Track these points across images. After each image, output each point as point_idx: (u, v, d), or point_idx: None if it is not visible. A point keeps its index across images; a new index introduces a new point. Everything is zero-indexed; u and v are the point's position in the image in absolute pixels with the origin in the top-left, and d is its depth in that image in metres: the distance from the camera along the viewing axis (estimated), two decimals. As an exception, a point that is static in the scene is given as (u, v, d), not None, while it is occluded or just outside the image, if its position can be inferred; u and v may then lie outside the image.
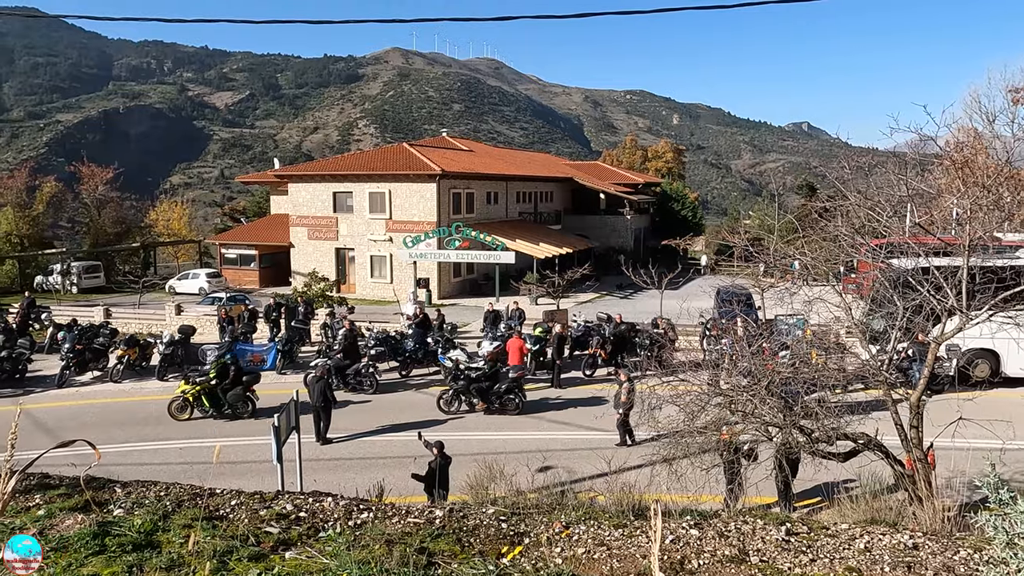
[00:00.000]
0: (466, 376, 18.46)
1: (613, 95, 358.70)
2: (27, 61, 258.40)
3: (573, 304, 33.94)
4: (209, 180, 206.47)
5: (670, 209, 59.57)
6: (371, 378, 20.59)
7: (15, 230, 46.29)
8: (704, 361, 12.87)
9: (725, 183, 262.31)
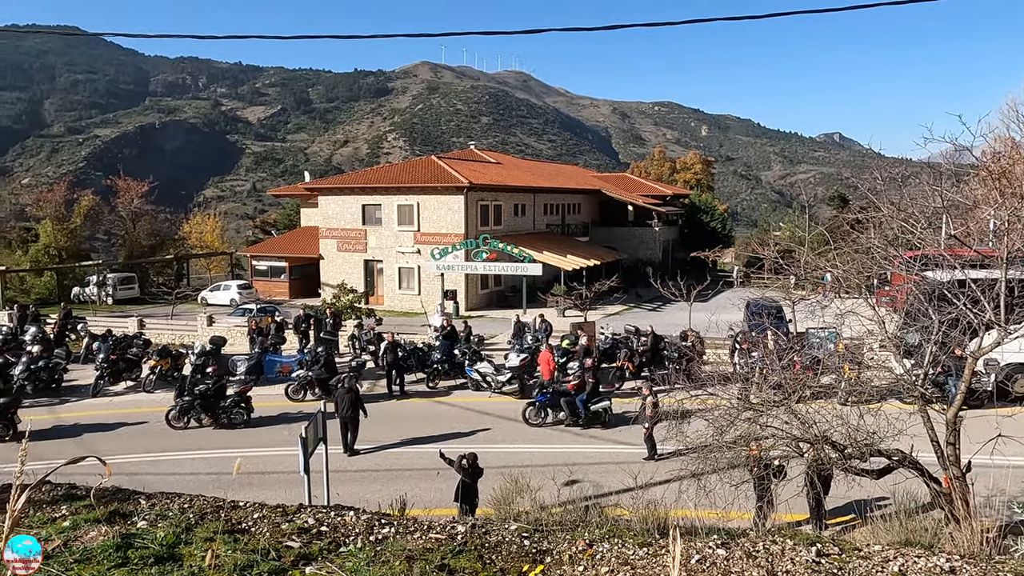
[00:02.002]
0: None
1: (641, 107, 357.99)
2: (67, 78, 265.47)
3: (600, 316, 33.76)
4: (241, 193, 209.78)
5: (699, 221, 59.12)
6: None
7: (54, 242, 47.38)
8: (733, 375, 12.70)
9: (755, 194, 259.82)
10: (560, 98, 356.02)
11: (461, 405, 20.52)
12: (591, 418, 17.81)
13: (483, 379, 21.70)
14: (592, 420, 17.84)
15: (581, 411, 17.75)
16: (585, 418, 17.79)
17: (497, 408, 20.03)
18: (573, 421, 17.80)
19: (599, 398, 17.96)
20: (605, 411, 17.85)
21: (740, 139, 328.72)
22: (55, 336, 27.25)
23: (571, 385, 18.16)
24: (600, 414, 17.83)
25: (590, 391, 17.95)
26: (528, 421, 18.20)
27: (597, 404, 17.83)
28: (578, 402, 17.77)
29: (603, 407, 17.82)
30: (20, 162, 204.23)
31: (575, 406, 17.76)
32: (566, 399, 17.87)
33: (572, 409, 17.77)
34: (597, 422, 17.84)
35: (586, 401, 17.80)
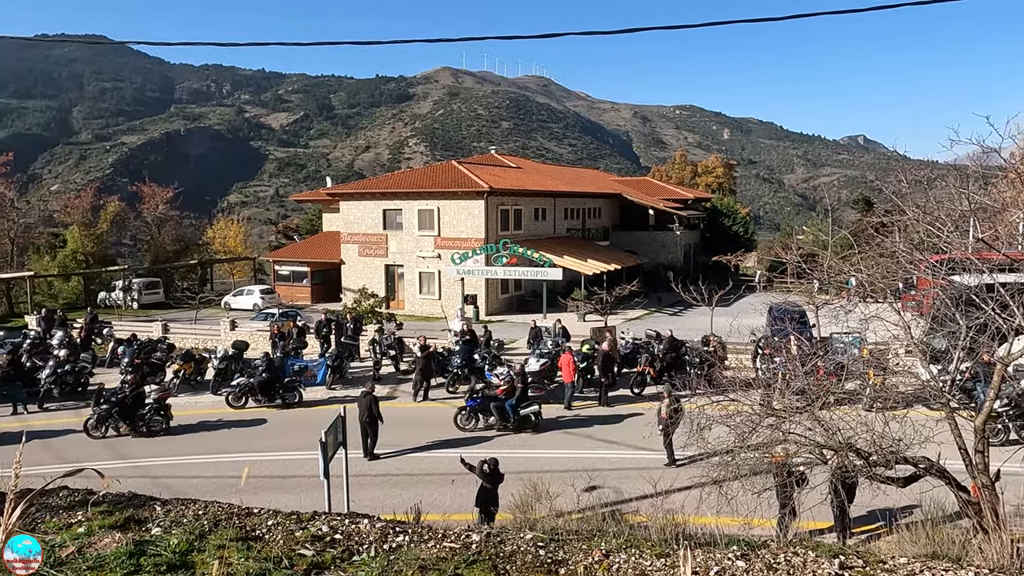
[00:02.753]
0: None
1: (662, 110, 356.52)
2: (95, 86, 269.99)
3: (621, 321, 33.59)
4: (264, 199, 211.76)
5: (721, 225, 58.66)
6: (295, 393, 21.21)
7: (81, 248, 48.10)
8: (756, 380, 12.55)
9: (778, 198, 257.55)
10: (581, 102, 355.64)
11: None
12: (520, 422, 17.99)
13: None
14: (522, 424, 18.00)
15: (510, 415, 17.95)
16: (514, 422, 17.95)
17: (517, 413, 19.93)
18: (503, 426, 17.99)
19: (528, 402, 18.15)
20: (535, 415, 18.03)
21: (762, 142, 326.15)
22: (81, 340, 27.64)
23: (500, 390, 18.37)
24: (529, 418, 18.02)
25: (519, 395, 18.10)
26: (460, 426, 18.34)
27: (526, 408, 18.02)
28: (507, 407, 17.97)
29: (532, 411, 18.02)
30: (49, 169, 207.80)
31: (504, 410, 17.99)
32: (495, 404, 18.06)
33: (501, 413, 17.99)
34: (527, 426, 18.01)
35: (515, 405, 17.99)
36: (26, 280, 42.56)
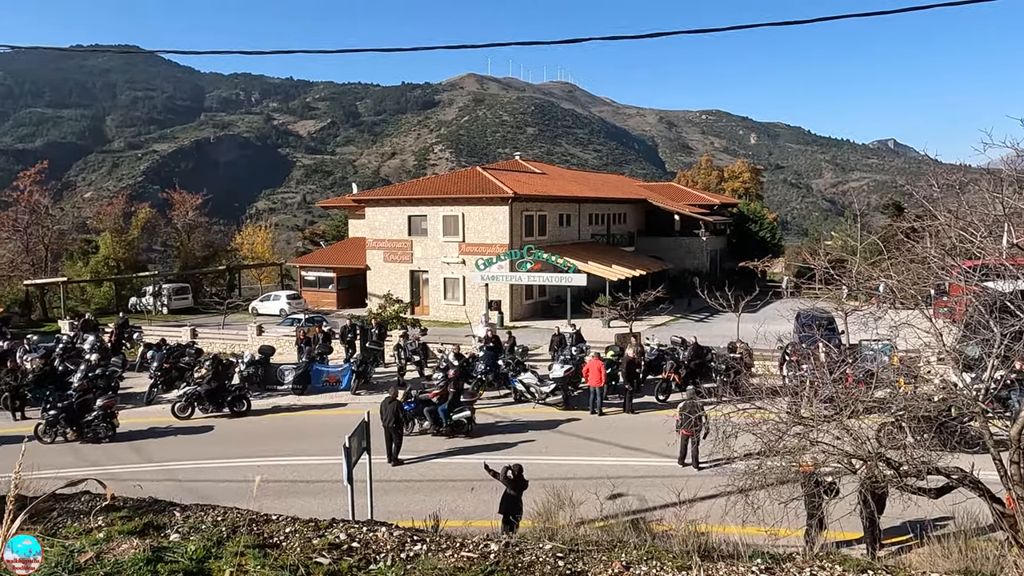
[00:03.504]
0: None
1: (688, 115, 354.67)
2: (128, 95, 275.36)
3: (646, 327, 33.36)
4: (292, 205, 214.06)
5: (747, 230, 58.10)
6: (243, 401, 21.14)
7: (112, 254, 48.91)
8: (783, 388, 12.36)
9: (805, 203, 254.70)
10: (606, 108, 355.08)
11: (505, 416, 20.45)
12: (453, 427, 18.29)
13: (527, 390, 21.61)
14: (455, 429, 18.29)
15: (442, 419, 18.28)
16: (447, 426, 18.27)
17: (541, 419, 19.91)
18: (436, 430, 18.30)
19: (460, 407, 18.42)
20: (468, 420, 18.34)
21: (790, 147, 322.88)
22: (112, 345, 28.08)
23: (433, 394, 18.74)
24: (463, 423, 18.31)
25: (451, 400, 18.43)
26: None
27: (459, 413, 18.34)
28: (440, 411, 18.33)
29: (464, 416, 18.34)
30: (83, 177, 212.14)
31: (437, 415, 18.33)
32: (428, 408, 18.38)
33: (434, 418, 18.33)
34: (460, 431, 18.27)
35: (448, 410, 18.32)
36: (59, 285, 43.39)
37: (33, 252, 47.99)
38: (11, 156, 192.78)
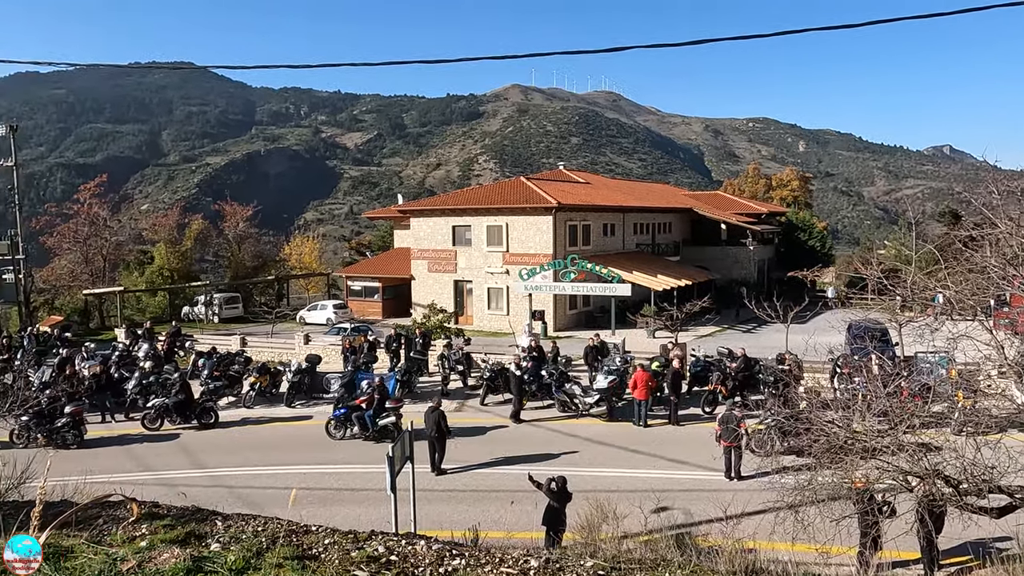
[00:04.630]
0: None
1: (735, 123, 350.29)
2: (183, 110, 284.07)
3: (692, 338, 32.89)
4: (339, 216, 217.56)
5: (796, 239, 56.99)
6: (210, 413, 21.32)
7: (167, 264, 50.31)
8: (834, 401, 12.02)
9: (857, 211, 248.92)
10: (651, 117, 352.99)
11: (548, 427, 20.34)
12: (380, 432, 18.78)
13: (570, 401, 21.47)
14: (382, 435, 18.71)
15: (369, 425, 18.89)
16: (373, 432, 18.82)
17: (585, 431, 19.74)
18: (365, 436, 18.88)
19: (385, 414, 19.00)
20: (393, 426, 18.72)
21: (840, 154, 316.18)
22: (165, 353, 28.80)
23: (359, 401, 19.41)
24: (388, 429, 18.73)
25: (376, 407, 19.03)
26: (331, 435, 19.33)
27: (384, 419, 18.89)
28: (366, 417, 18.96)
29: (389, 422, 18.84)
30: (140, 189, 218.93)
31: (364, 420, 18.96)
32: (356, 414, 19.08)
33: (362, 423, 18.97)
34: (386, 437, 18.50)
35: (373, 416, 18.92)
36: (116, 295, 44.76)
37: (92, 263, 49.65)
38: (73, 170, 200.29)
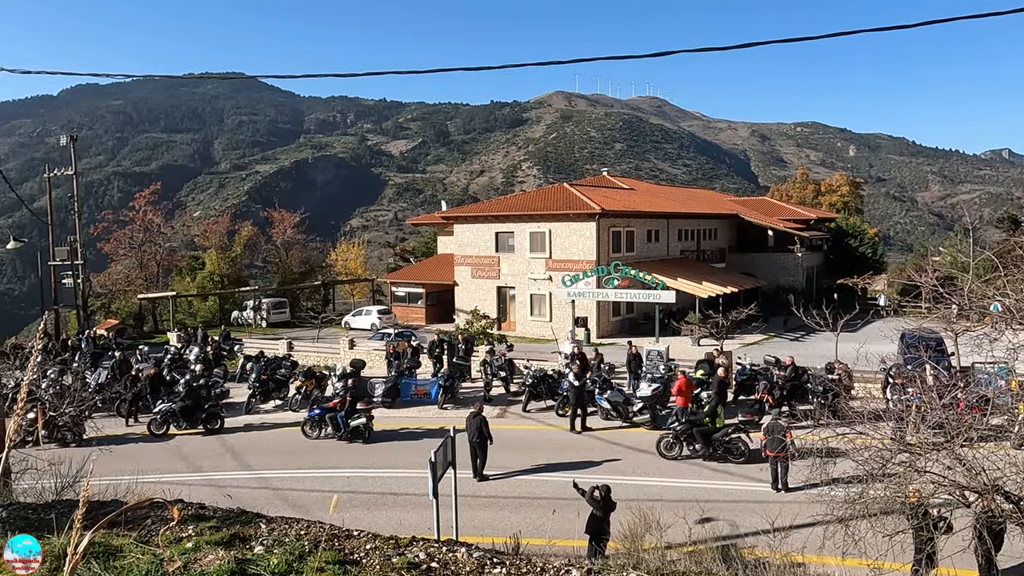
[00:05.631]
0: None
1: (782, 128, 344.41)
2: (234, 119, 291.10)
3: (738, 346, 32.38)
4: (384, 223, 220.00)
5: (846, 246, 55.69)
6: (216, 418, 21.52)
7: (217, 269, 51.55)
8: (886, 412, 11.69)
9: (910, 217, 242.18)
10: (695, 122, 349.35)
11: (591, 434, 20.20)
12: (352, 432, 19.54)
13: (613, 408, 21.29)
14: (354, 435, 19.54)
15: (341, 425, 19.63)
16: (345, 432, 19.55)
17: (628, 439, 19.56)
18: (339, 436, 19.63)
19: (357, 415, 19.69)
20: (364, 427, 19.58)
21: (892, 159, 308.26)
22: (214, 356, 29.47)
23: (333, 403, 20.17)
24: (360, 429, 19.57)
25: (348, 408, 19.76)
26: (307, 435, 20.08)
27: (355, 420, 19.62)
28: (339, 418, 19.72)
29: (360, 423, 19.60)
30: (192, 197, 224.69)
31: (337, 421, 19.75)
32: (329, 415, 19.89)
33: (335, 424, 19.78)
34: (358, 437, 19.50)
35: (345, 417, 19.65)
36: (169, 299, 46.00)
37: (146, 268, 51.16)
38: (129, 179, 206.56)
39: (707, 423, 17.50)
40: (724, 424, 17.51)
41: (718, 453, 17.27)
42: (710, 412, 17.68)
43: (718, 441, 17.33)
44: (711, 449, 17.30)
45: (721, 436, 17.34)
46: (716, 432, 17.37)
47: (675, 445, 17.63)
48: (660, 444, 17.80)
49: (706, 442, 17.32)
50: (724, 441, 17.31)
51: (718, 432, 17.38)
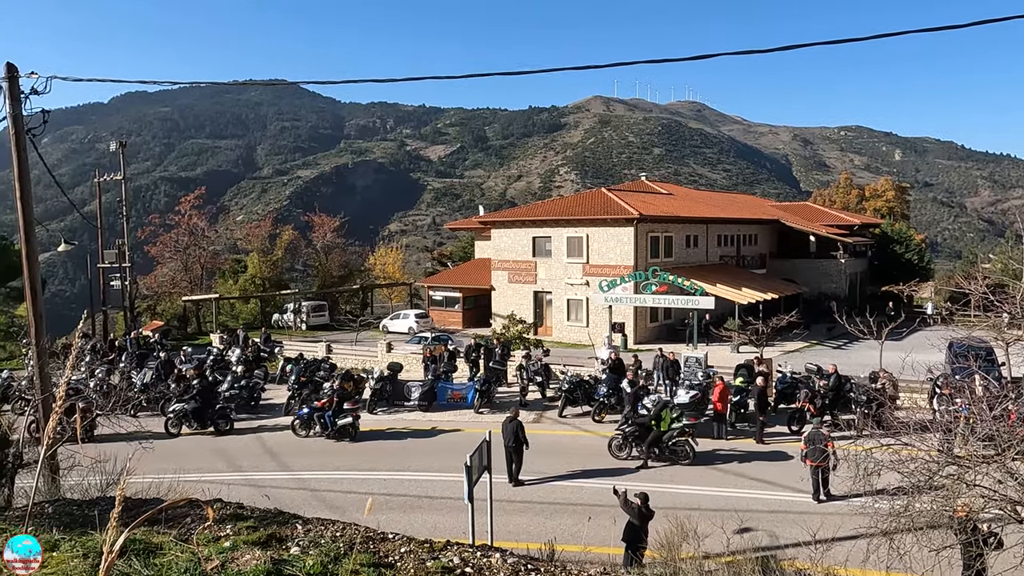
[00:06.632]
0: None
1: (825, 132, 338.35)
2: (276, 125, 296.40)
3: (779, 353, 31.83)
4: (422, 227, 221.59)
5: (891, 252, 54.42)
6: (227, 419, 21.88)
7: (259, 273, 52.45)
8: (933, 423, 11.36)
9: (959, 223, 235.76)
10: (736, 126, 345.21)
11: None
12: (339, 431, 20.30)
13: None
14: (340, 434, 20.31)
15: (328, 424, 20.40)
16: (333, 431, 20.33)
17: (665, 446, 19.30)
18: (326, 435, 20.44)
19: (344, 415, 20.41)
20: (351, 426, 20.27)
21: (940, 163, 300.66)
22: (254, 358, 29.95)
23: (321, 403, 20.91)
24: (347, 428, 20.29)
25: (335, 408, 20.49)
26: (296, 434, 20.79)
27: (342, 420, 20.32)
28: (327, 418, 20.48)
29: (346, 423, 20.30)
30: (236, 201, 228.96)
31: (324, 421, 20.54)
32: (318, 414, 20.72)
33: (323, 424, 20.61)
34: (345, 436, 20.27)
35: (332, 417, 20.39)
36: (212, 301, 46.92)
37: (191, 271, 52.26)
38: (175, 183, 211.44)
39: (652, 425, 17.74)
40: (670, 427, 17.75)
41: (664, 455, 17.69)
42: (655, 415, 17.88)
43: (664, 444, 17.63)
44: (657, 451, 17.64)
45: (666, 439, 17.64)
46: (662, 434, 17.63)
47: (625, 446, 18.14)
48: (611, 445, 18.31)
49: (653, 444, 17.59)
50: (669, 444, 17.66)
51: (664, 435, 17.63)
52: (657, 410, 18.03)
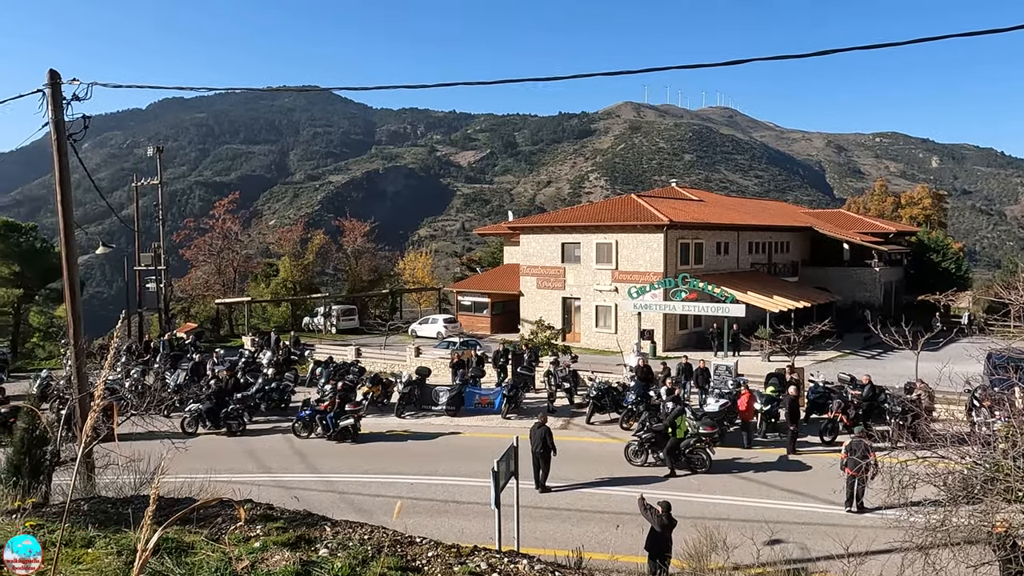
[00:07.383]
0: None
1: (859, 138, 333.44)
2: (308, 131, 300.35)
3: (811, 362, 31.35)
4: (451, 232, 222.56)
5: (928, 261, 53.35)
6: (239, 420, 22.12)
7: (290, 276, 53.08)
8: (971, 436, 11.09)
9: (998, 232, 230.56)
10: (768, 132, 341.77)
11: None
12: (340, 433, 20.62)
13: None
14: (342, 435, 20.62)
15: (330, 425, 20.71)
16: (334, 432, 20.64)
17: (693, 454, 19.10)
18: (328, 436, 20.76)
19: (345, 416, 20.72)
20: (352, 428, 20.61)
21: (979, 170, 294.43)
22: (284, 360, 30.28)
23: (323, 405, 21.26)
24: (347, 430, 20.61)
25: (337, 410, 20.83)
26: (297, 434, 21.16)
27: (344, 421, 20.63)
28: (328, 419, 20.80)
29: (347, 424, 20.61)
30: (268, 206, 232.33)
31: (326, 422, 20.84)
32: (319, 416, 21.05)
33: (324, 425, 20.92)
34: (346, 437, 20.60)
35: (334, 418, 20.70)
36: (245, 304, 47.57)
37: (224, 274, 53.01)
38: (210, 188, 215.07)
39: (668, 432, 17.63)
40: (687, 435, 17.65)
41: (680, 462, 17.50)
42: (669, 422, 17.77)
43: (680, 451, 17.49)
44: (673, 458, 17.43)
45: (683, 446, 17.53)
46: (679, 442, 17.51)
47: (641, 452, 18.11)
48: (628, 450, 18.28)
49: (671, 451, 17.42)
50: (685, 451, 17.52)
51: (680, 442, 17.52)
52: (672, 417, 17.91)
